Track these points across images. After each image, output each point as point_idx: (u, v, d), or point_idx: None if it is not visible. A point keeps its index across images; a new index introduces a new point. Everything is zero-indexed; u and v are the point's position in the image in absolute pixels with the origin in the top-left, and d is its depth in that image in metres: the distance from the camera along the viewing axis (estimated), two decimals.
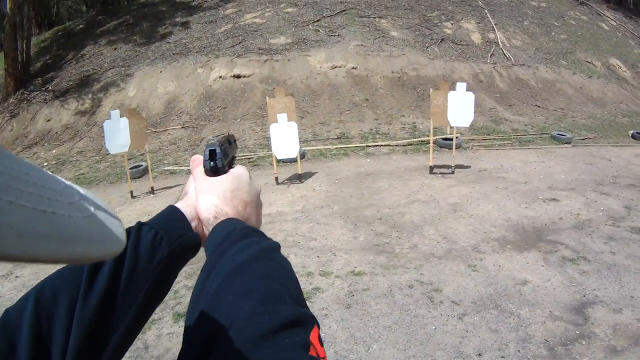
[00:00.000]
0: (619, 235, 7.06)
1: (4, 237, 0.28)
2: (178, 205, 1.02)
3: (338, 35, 18.49)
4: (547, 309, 5.23)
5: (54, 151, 14.69)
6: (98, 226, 0.40)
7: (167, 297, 5.08)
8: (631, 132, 15.18)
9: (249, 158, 12.11)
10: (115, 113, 9.63)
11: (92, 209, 0.41)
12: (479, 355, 4.53)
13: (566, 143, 13.32)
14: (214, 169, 1.03)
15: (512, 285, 5.70)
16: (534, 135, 14.13)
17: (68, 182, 0.43)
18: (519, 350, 4.59)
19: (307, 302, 3.06)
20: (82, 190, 0.44)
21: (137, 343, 4.98)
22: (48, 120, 16.02)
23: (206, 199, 1.00)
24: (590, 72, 21.13)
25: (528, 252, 6.53)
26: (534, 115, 16.56)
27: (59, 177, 0.42)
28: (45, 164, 13.68)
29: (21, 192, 0.32)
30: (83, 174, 12.71)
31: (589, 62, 22.06)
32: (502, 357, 4.51)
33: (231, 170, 1.08)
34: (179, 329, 5.12)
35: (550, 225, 7.38)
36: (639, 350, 4.57)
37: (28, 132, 15.79)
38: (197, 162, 1.08)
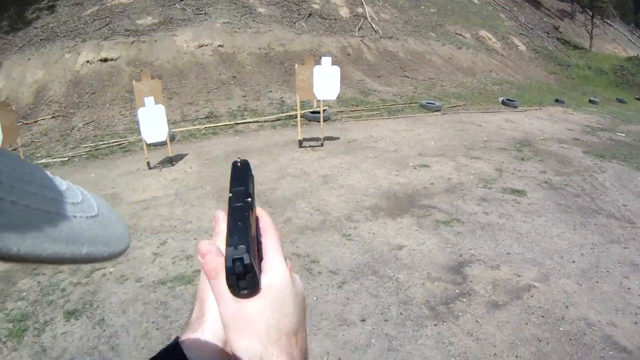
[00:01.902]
0: (492, 196, 7.76)
1: (7, 237, 0.30)
2: (188, 340, 0.75)
3: (205, 13, 18.51)
4: (425, 271, 5.68)
5: None
6: (102, 227, 0.42)
7: (55, 296, 4.98)
8: (501, 98, 16.51)
9: (119, 144, 11.77)
10: None
11: (95, 209, 0.44)
12: (363, 320, 4.85)
13: (435, 111, 14.21)
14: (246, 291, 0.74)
15: (388, 250, 6.11)
16: (403, 105, 14.93)
17: (71, 183, 0.45)
18: (401, 313, 4.96)
19: (190, 286, 3.19)
20: (85, 191, 0.47)
21: (35, 347, 4.87)
22: None
23: (244, 347, 0.68)
24: (459, 44, 22.63)
25: (401, 218, 7.01)
26: (402, 85, 17.44)
27: (62, 179, 0.44)
28: None
29: (24, 192, 0.34)
30: None
31: (458, 34, 23.63)
32: (385, 320, 4.85)
33: (268, 280, 0.71)
34: (72, 327, 5.06)
35: (422, 191, 7.94)
36: (520, 303, 5.13)
37: None
38: (213, 268, 0.70)
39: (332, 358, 4.46)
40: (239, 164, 0.87)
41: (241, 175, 0.85)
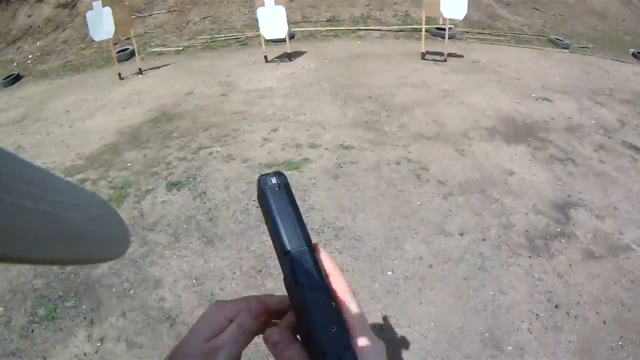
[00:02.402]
0: (610, 146, 7.08)
1: (7, 238, 0.27)
2: None
3: None
4: (531, 201, 5.28)
5: (38, 43, 14.05)
6: (102, 228, 0.40)
7: (159, 168, 4.96)
8: (632, 50, 15.02)
9: (237, 38, 11.63)
10: (97, 3, 9.36)
11: (96, 210, 0.40)
12: (461, 234, 4.58)
13: (564, 48, 13.11)
14: None
15: (499, 173, 5.72)
16: (531, 36, 13.86)
17: (72, 183, 0.40)
18: (499, 236, 4.65)
19: (296, 172, 2.92)
20: (86, 191, 0.42)
21: (134, 212, 4.95)
22: (29, 16, 15.21)
23: None
24: None
25: (517, 145, 6.52)
26: (531, 17, 16.18)
27: (64, 178, 0.40)
28: (30, 56, 13.14)
29: (24, 193, 0.30)
30: (69, 61, 12.21)
31: None
32: (483, 239, 4.57)
33: None
34: (172, 197, 5.14)
35: (541, 124, 7.34)
36: (615, 261, 4.68)
37: (10, 30, 15.02)
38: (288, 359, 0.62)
39: (423, 263, 4.27)
40: (276, 188, 0.65)
41: (287, 214, 0.64)
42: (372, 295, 4.01)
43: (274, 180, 0.65)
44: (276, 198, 0.64)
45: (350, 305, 0.60)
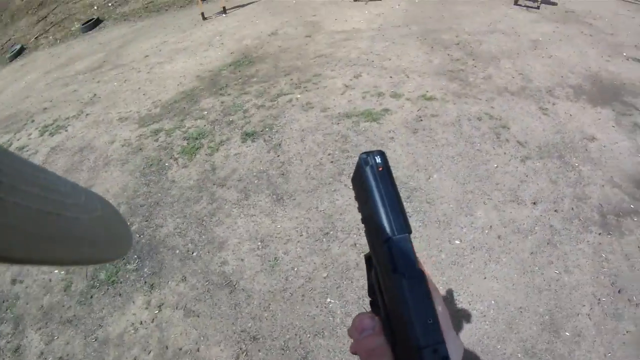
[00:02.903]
0: None
1: (9, 238, 0.26)
2: None
3: None
4: (609, 173, 4.75)
5: None
6: (104, 228, 0.38)
7: (236, 117, 4.65)
8: None
9: None
10: None
11: (98, 210, 0.38)
12: (534, 203, 4.17)
13: None
14: None
15: (580, 138, 5.16)
16: None
17: (74, 183, 0.38)
18: (572, 208, 4.21)
19: (374, 123, 2.51)
20: (89, 191, 0.40)
21: (205, 165, 4.73)
22: None
23: None
24: None
25: (602, 108, 5.85)
26: None
27: (66, 178, 0.37)
28: None
29: (26, 193, 0.29)
30: (152, 1, 11.76)
31: None
32: (555, 210, 4.15)
33: None
34: (246, 148, 4.85)
35: (629, 86, 6.55)
36: None
37: None
38: (370, 350, 0.55)
39: (492, 233, 3.91)
40: (380, 168, 0.57)
41: (390, 198, 0.56)
42: (436, 266, 3.71)
43: (378, 160, 0.58)
44: (378, 179, 0.57)
45: (437, 299, 0.54)
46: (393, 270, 0.52)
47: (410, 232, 0.55)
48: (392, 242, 0.53)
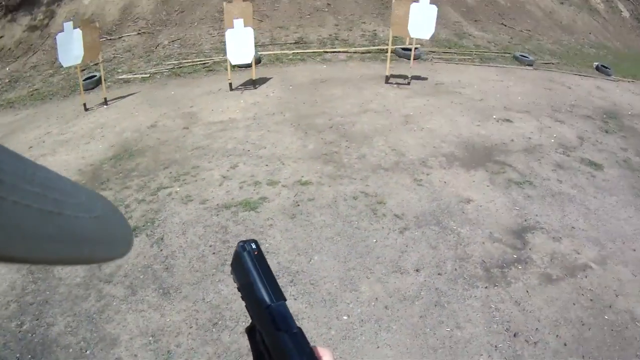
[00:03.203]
0: (568, 164, 7.22)
1: (9, 238, 0.27)
2: None
3: None
4: (488, 229, 5.37)
5: (7, 68, 13.96)
6: (105, 227, 0.40)
7: None
8: (596, 64, 15.32)
9: (203, 63, 11.70)
10: (68, 25, 9.30)
11: (99, 209, 0.40)
12: (417, 271, 4.63)
13: (528, 65, 13.33)
14: None
15: (456, 202, 5.80)
16: (496, 54, 14.07)
17: (75, 182, 0.41)
18: (455, 269, 4.71)
19: (253, 212, 2.96)
20: (89, 190, 0.42)
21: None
22: (0, 37, 15.13)
23: None
24: None
25: (475, 171, 6.63)
26: (498, 33, 16.44)
27: (66, 177, 0.41)
28: None
29: (26, 192, 0.31)
30: (37, 89, 12.15)
31: None
32: (438, 274, 4.62)
33: None
34: None
35: (500, 146, 7.47)
36: (573, 282, 4.79)
37: None
38: None
39: (379, 304, 4.30)
40: (255, 252, 0.75)
41: (266, 275, 0.73)
42: (327, 343, 4.02)
43: (253, 246, 0.74)
44: (255, 261, 0.72)
45: (326, 356, 0.69)
46: (276, 329, 0.67)
47: (285, 299, 0.71)
48: (272, 308, 0.69)
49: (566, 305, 4.47)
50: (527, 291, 4.57)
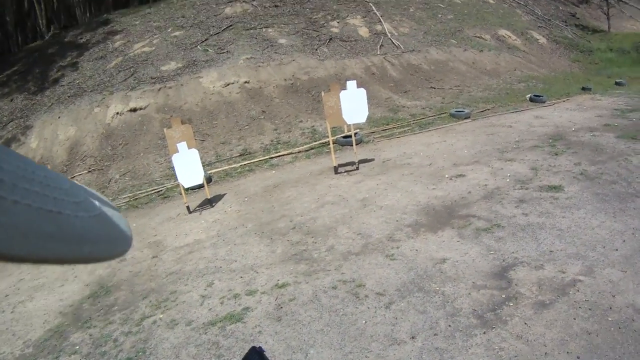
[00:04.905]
0: (529, 196, 7.70)
1: (9, 237, 0.29)
2: None
3: (227, 51, 18.83)
4: (470, 280, 5.68)
5: None
6: (105, 226, 0.42)
7: (107, 347, 5.19)
8: (529, 95, 16.36)
9: (157, 191, 12.10)
10: None
11: (98, 208, 0.43)
12: (412, 338, 4.87)
13: (466, 118, 14.15)
14: None
15: (432, 265, 6.13)
16: (433, 117, 14.89)
17: (74, 181, 0.44)
18: (449, 325, 4.97)
19: (240, 324, 3.34)
20: (88, 189, 0.46)
21: None
22: None
23: None
24: (481, 47, 22.53)
25: (442, 231, 7.01)
26: (430, 97, 17.41)
27: (65, 176, 0.44)
28: None
29: (26, 191, 0.33)
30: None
31: (478, 37, 23.55)
32: (434, 334, 4.87)
33: None
34: None
35: (460, 201, 7.93)
36: (567, 299, 5.09)
37: None
38: None
39: None
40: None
41: None
42: None
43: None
44: None
45: None
46: None
47: None
48: None
49: (567, 323, 4.72)
50: (526, 323, 4.83)
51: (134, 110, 16.17)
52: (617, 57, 25.58)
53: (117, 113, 16.07)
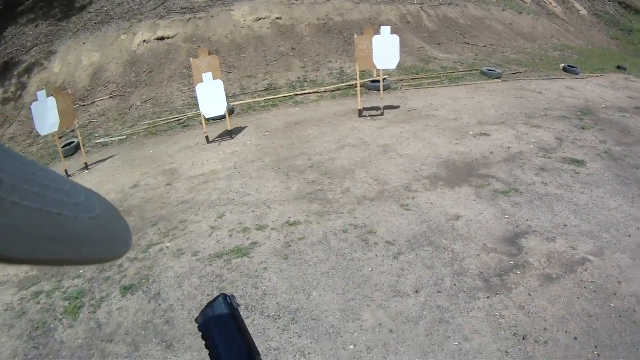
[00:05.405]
0: (551, 166, 7.46)
1: (8, 238, 0.28)
2: None
3: None
4: (481, 242, 5.53)
5: None
6: (104, 227, 0.41)
7: (112, 273, 5.06)
8: (563, 65, 15.85)
9: (178, 120, 11.99)
10: (42, 94, 9.56)
11: (98, 210, 0.41)
12: (416, 292, 4.77)
13: (496, 78, 13.76)
14: None
15: (445, 221, 5.98)
16: (464, 72, 14.50)
17: (74, 182, 0.43)
18: (455, 285, 4.85)
19: (246, 258, 3.16)
20: (88, 191, 0.44)
21: (90, 323, 5.02)
22: None
23: None
24: (520, 9, 21.81)
25: (460, 188, 6.84)
26: (463, 52, 16.94)
27: (65, 177, 0.43)
28: None
29: (26, 192, 0.32)
30: None
31: None
32: (438, 292, 4.76)
33: None
34: (127, 302, 5.22)
35: (481, 160, 7.72)
36: (574, 277, 4.95)
37: None
38: None
39: (384, 330, 4.42)
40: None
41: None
42: None
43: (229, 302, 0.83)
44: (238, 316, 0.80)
45: None
46: None
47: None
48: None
49: (571, 301, 4.62)
50: (530, 294, 4.71)
51: (162, 39, 15.89)
52: None
53: (144, 41, 15.82)
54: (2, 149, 0.34)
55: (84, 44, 16.16)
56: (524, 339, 4.22)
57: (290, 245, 5.71)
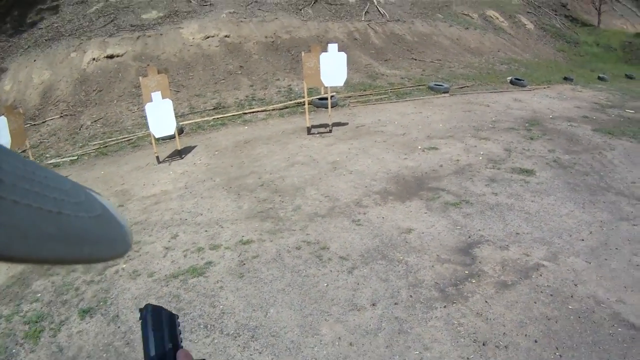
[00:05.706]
0: (500, 176, 7.74)
1: (8, 237, 0.29)
2: None
3: (210, 4, 18.57)
4: (434, 253, 5.70)
5: None
6: (104, 227, 0.42)
7: (69, 296, 5.01)
8: (510, 78, 16.44)
9: (128, 139, 11.92)
10: None
11: (98, 209, 0.43)
12: (373, 305, 4.87)
13: (444, 93, 14.17)
14: None
15: (398, 234, 6.13)
16: (411, 88, 14.88)
17: (74, 182, 0.44)
18: (411, 296, 4.98)
19: (202, 278, 3.25)
20: (88, 190, 0.46)
21: (52, 347, 4.94)
22: None
23: None
24: (467, 24, 22.56)
25: (410, 202, 7.02)
26: (410, 68, 17.38)
27: (65, 177, 0.43)
28: None
29: (26, 191, 0.33)
30: None
31: (465, 15, 23.58)
32: (395, 303, 4.88)
33: None
34: (87, 325, 5.15)
35: (430, 173, 7.94)
36: (529, 283, 5.14)
37: None
38: None
39: (343, 343, 4.50)
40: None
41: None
42: None
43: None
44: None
45: None
46: None
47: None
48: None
49: (528, 306, 4.78)
50: (486, 301, 4.87)
51: (111, 57, 15.91)
52: (603, 53, 25.94)
53: (94, 59, 15.80)
54: (2, 149, 0.35)
55: (34, 60, 16.01)
56: (484, 344, 4.36)
57: (244, 264, 5.75)
